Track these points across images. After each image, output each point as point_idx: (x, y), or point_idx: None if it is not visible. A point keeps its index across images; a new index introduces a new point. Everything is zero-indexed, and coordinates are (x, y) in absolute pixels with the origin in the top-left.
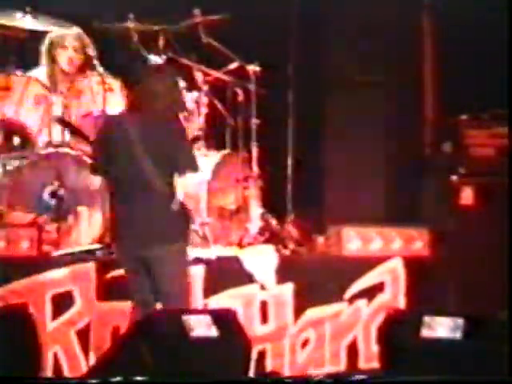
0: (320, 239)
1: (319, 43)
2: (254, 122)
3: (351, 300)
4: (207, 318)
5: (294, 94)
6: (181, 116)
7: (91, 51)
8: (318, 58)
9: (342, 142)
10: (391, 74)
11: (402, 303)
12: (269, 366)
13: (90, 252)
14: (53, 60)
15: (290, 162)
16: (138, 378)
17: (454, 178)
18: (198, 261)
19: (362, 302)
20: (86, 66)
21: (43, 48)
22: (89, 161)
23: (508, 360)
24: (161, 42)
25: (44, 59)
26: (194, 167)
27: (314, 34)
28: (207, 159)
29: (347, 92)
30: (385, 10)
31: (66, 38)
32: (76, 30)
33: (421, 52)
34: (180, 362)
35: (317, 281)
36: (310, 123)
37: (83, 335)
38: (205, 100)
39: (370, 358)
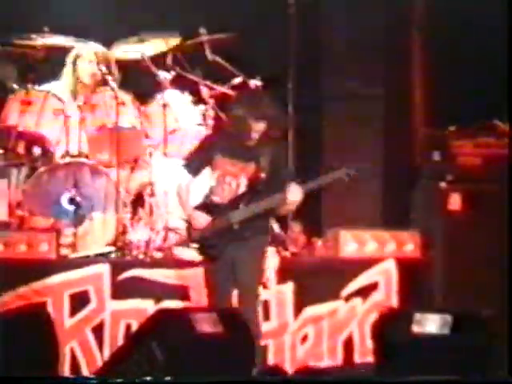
0: (318, 242)
1: (317, 58)
2: None
3: (347, 298)
4: (214, 316)
5: (294, 107)
6: None
7: (105, 67)
8: (317, 72)
9: (340, 152)
10: (386, 90)
11: (394, 302)
12: (271, 360)
13: (105, 254)
14: (75, 73)
15: None
16: (138, 380)
17: (443, 184)
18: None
19: (357, 301)
20: (101, 81)
21: (68, 62)
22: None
23: (508, 359)
24: (169, 59)
25: (67, 72)
26: None
27: (312, 50)
28: None
29: (344, 105)
30: (375, 25)
31: (89, 53)
32: (95, 44)
33: (412, 69)
34: (188, 356)
35: (315, 281)
36: (308, 134)
37: (98, 331)
38: (211, 113)
39: (364, 353)
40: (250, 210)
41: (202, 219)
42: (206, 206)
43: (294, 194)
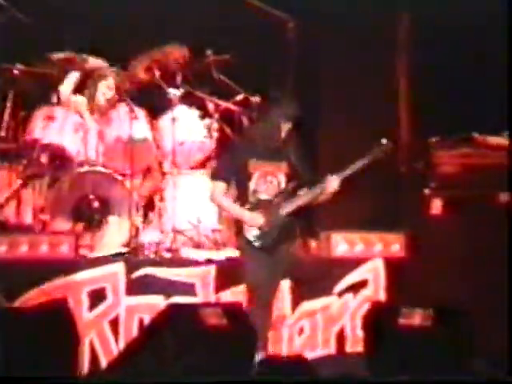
0: (313, 243)
1: (310, 78)
2: None
3: (340, 294)
4: (219, 310)
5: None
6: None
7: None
8: (311, 90)
9: (333, 163)
10: (375, 106)
11: (382, 297)
12: (270, 350)
13: (119, 255)
14: (92, 95)
15: None
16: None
17: (426, 191)
18: (209, 261)
19: (348, 296)
20: (116, 100)
21: (88, 83)
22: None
23: (508, 359)
24: (179, 78)
25: (85, 93)
26: None
27: (307, 70)
28: None
29: (337, 119)
30: (366, 44)
31: (109, 79)
32: (115, 69)
33: (398, 86)
34: (196, 346)
35: (310, 278)
36: (304, 145)
37: (114, 325)
38: (216, 126)
39: (356, 343)
40: (297, 202)
41: (256, 215)
42: (256, 204)
43: (333, 183)
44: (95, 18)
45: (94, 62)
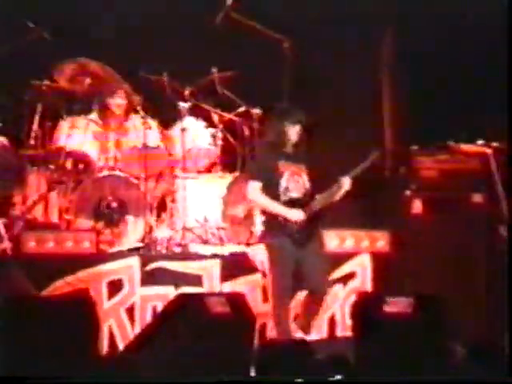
0: None
1: (305, 92)
2: None
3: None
4: (223, 299)
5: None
6: None
7: (134, 97)
8: (306, 101)
9: (325, 169)
10: (364, 117)
11: (369, 287)
12: (268, 335)
13: (135, 249)
14: (106, 106)
15: None
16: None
17: (408, 192)
18: (215, 256)
19: (339, 287)
20: (130, 109)
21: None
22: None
23: (508, 359)
24: (187, 92)
25: (102, 105)
26: None
27: (302, 87)
28: (223, 180)
29: (328, 129)
30: (354, 63)
31: (116, 93)
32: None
33: (384, 100)
34: (202, 331)
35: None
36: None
37: (130, 312)
38: (220, 135)
39: (345, 329)
40: (322, 200)
41: (296, 211)
42: (288, 202)
43: (346, 183)
44: (108, 34)
45: (106, 71)
